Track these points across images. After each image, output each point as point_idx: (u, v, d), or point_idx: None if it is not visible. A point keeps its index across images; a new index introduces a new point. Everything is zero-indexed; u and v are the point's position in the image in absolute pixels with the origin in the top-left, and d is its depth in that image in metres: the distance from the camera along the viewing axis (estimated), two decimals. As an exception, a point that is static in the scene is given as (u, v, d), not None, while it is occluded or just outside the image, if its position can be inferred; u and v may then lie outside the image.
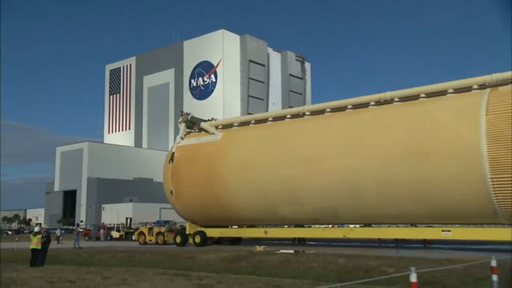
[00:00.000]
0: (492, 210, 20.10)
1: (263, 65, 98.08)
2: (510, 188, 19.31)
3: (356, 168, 23.25)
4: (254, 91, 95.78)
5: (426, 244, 26.21)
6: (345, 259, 17.50)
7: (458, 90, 22.14)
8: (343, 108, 25.86)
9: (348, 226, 26.79)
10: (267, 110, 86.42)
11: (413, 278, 6.39)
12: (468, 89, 21.89)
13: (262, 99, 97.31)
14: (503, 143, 19.37)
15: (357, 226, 27.00)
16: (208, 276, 14.24)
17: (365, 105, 24.96)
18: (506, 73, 20.90)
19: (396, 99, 23.94)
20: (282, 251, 22.43)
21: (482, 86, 21.46)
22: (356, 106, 25.36)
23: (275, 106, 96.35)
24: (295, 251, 22.16)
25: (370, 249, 23.76)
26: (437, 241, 25.32)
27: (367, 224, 26.15)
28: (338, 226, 27.24)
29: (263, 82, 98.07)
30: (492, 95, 20.62)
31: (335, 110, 26.21)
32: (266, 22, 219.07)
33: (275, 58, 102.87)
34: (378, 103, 24.51)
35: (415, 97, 23.33)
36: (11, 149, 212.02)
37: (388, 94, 24.25)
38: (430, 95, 22.92)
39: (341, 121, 25.23)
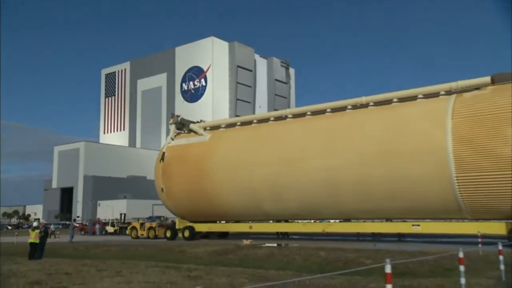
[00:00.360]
0: (457, 206, 20.45)
1: (250, 71, 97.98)
2: (473, 186, 19.69)
3: (334, 167, 23.41)
4: (241, 94, 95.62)
5: (400, 237, 26.44)
6: (325, 252, 17.57)
7: (427, 96, 22.51)
8: (322, 111, 26.04)
9: (328, 221, 26.90)
10: (254, 113, 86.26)
11: (388, 269, 6.43)
12: (436, 94, 22.27)
13: (249, 102, 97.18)
14: (467, 145, 19.73)
15: (337, 221, 27.14)
16: (197, 268, 14.15)
17: (343, 108, 25.20)
18: (470, 80, 21.37)
19: (371, 104, 24.21)
20: (267, 244, 22.42)
21: (449, 92, 21.87)
22: (334, 110, 25.57)
23: (262, 109, 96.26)
24: (279, 245, 22.18)
25: (349, 242, 23.87)
26: (411, 235, 25.57)
27: (346, 219, 26.32)
28: (319, 221, 27.36)
29: (250, 87, 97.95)
30: (457, 101, 20.99)
31: (315, 113, 26.39)
32: (253, 30, 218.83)
33: (261, 64, 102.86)
34: (355, 107, 24.78)
35: (388, 101, 23.68)
36: (11, 148, 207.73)
37: (363, 99, 24.53)
38: (402, 100, 23.27)
39: (321, 123, 25.39)
